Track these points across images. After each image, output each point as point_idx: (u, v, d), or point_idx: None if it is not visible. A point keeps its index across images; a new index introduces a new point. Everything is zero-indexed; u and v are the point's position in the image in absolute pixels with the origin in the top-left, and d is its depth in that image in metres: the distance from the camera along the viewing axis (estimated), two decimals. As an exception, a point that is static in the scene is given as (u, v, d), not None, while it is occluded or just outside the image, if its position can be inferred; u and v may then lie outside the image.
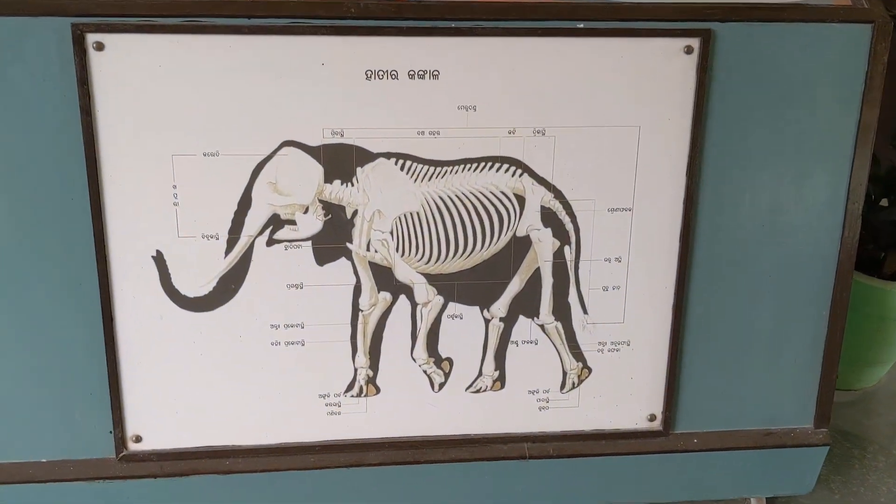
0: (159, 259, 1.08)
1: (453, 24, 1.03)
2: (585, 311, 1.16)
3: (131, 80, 1.01)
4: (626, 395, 1.21)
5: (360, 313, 1.13)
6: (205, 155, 1.04)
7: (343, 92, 1.04)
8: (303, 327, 1.12)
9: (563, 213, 1.12)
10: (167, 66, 1.01)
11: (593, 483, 1.24)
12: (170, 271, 1.08)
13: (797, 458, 1.26)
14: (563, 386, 1.19)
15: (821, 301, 1.19)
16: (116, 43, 1.00)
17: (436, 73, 1.05)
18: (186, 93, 1.02)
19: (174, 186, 1.05)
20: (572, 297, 1.15)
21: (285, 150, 1.05)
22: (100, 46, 0.99)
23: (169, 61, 1.01)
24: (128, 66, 1.00)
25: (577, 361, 1.18)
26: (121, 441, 1.14)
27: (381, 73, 1.04)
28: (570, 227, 1.12)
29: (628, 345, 1.18)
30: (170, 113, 1.03)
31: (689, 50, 1.07)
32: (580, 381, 1.19)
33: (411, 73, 1.04)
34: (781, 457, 1.25)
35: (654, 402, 1.21)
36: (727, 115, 1.09)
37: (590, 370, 1.19)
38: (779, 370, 1.22)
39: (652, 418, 1.22)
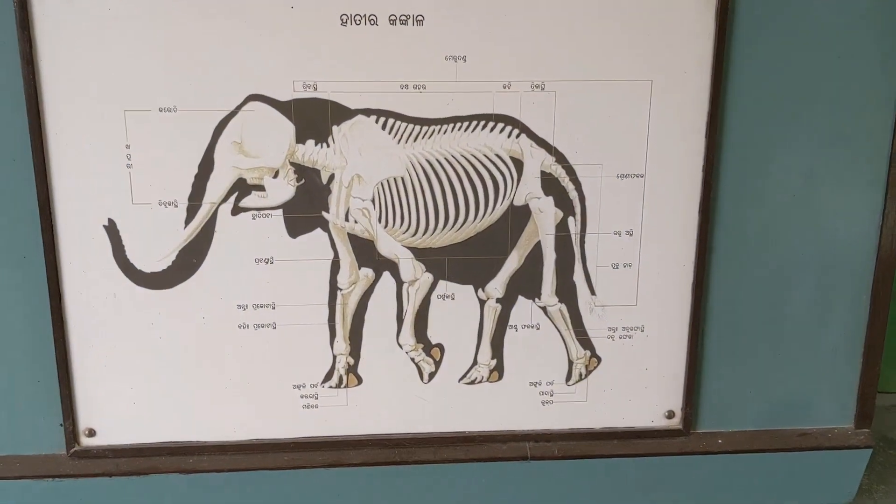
0: (111, 229, 0.96)
1: (439, -39, 0.92)
2: (593, 292, 1.03)
3: (78, 26, 0.90)
4: (640, 389, 1.07)
5: (339, 292, 1.01)
6: (161, 110, 0.93)
7: (316, 39, 0.93)
8: (274, 308, 1.00)
9: (567, 179, 0.99)
10: (118, 9, 0.90)
11: (603, 488, 1.10)
12: (123, 243, 0.97)
13: (836, 463, 1.12)
14: (568, 377, 1.06)
15: (861, 283, 1.05)
16: (60, -18, 0.89)
17: (420, 17, 0.93)
18: (140, 40, 0.91)
19: (127, 146, 0.94)
20: (578, 276, 1.03)
21: (251, 105, 0.94)
22: (41, -14, 0.89)
23: (120, 3, 0.90)
24: (74, 9, 0.90)
25: (585, 349, 1.05)
26: (72, 435, 1.02)
27: (358, 17, 0.92)
28: (574, 195, 1.00)
29: (642, 330, 1.05)
30: (121, 63, 0.92)
31: (707, -8, 0.94)
32: (588, 372, 1.06)
33: (392, 17, 0.93)
34: (818, 461, 1.11)
35: (672, 397, 1.08)
36: (751, 67, 0.97)
37: (599, 359, 1.06)
38: (814, 362, 1.08)
39: (670, 415, 1.08)
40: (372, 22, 0.93)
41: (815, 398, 1.10)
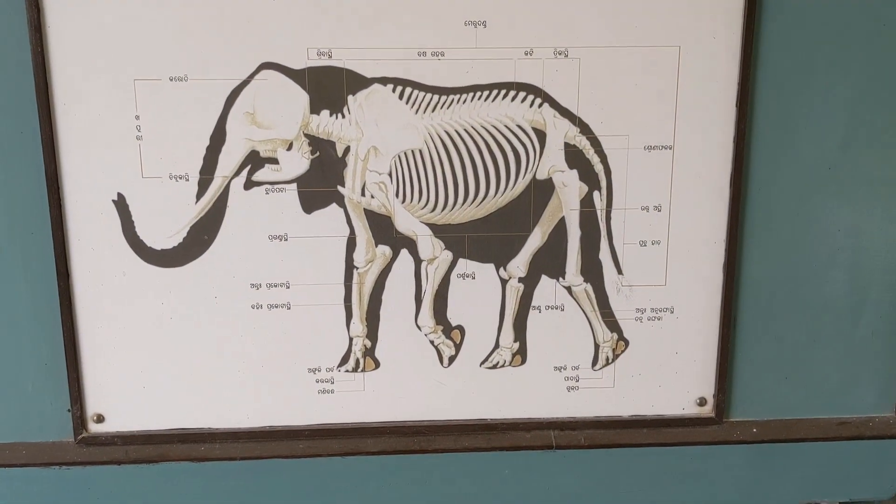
0: (121, 204, 0.93)
1: (458, -77, 0.89)
2: (620, 271, 0.99)
3: (86, -9, 0.88)
4: (670, 374, 1.02)
5: (356, 271, 0.97)
6: (171, 79, 0.90)
7: (330, 4, 0.90)
8: (288, 287, 0.97)
9: (591, 151, 0.95)
10: (127, -25, 0.88)
11: (632, 479, 1.05)
12: (133, 218, 0.94)
13: (877, 454, 1.06)
14: (595, 362, 1.02)
15: (902, 261, 1.01)
16: (68, -54, 0.87)
17: (438, -19, 0.90)
18: (149, 7, 0.89)
19: (137, 117, 0.91)
20: (604, 254, 0.98)
21: (264, 73, 0.91)
22: (50, -50, 0.87)
23: (129, -32, 0.88)
24: (82, -26, 0.87)
25: (612, 332, 1.01)
26: (80, 421, 0.99)
27: (374, -19, 0.90)
28: (599, 168, 0.96)
29: (672, 312, 1.00)
30: (131, 30, 0.89)
31: (737, -47, 0.91)
32: (615, 356, 1.02)
33: (410, -19, 0.90)
34: (858, 451, 1.06)
35: (704, 383, 1.03)
36: (783, 32, 0.93)
37: (626, 343, 1.01)
38: (853, 346, 1.03)
39: (702, 402, 1.03)
40: (388, -14, 0.90)
41: (853, 384, 1.04)
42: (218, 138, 0.92)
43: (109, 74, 0.90)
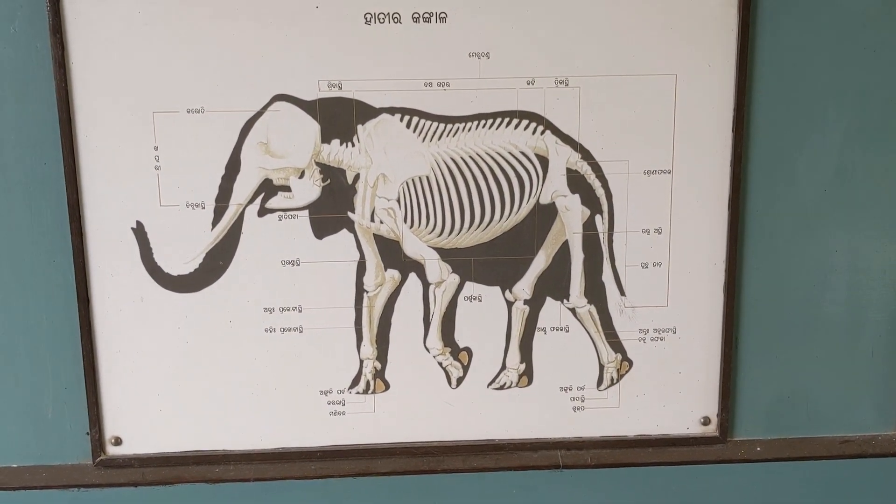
0: (140, 231, 0.97)
1: (461, -40, 0.93)
2: (623, 293, 1.02)
3: (109, 29, 0.92)
4: (674, 394, 1.05)
5: (365, 294, 1.00)
6: (188, 112, 0.94)
7: (340, 38, 0.94)
8: (300, 311, 1.00)
9: (593, 176, 0.98)
10: (147, 13, 0.92)
11: (638, 498, 1.07)
12: (151, 245, 0.97)
13: (880, 472, 1.08)
14: (600, 382, 1.04)
15: (898, 281, 1.03)
16: (92, -14, 0.91)
17: (443, 15, 0.94)
18: (168, 43, 0.93)
19: (155, 148, 0.95)
20: (607, 276, 1.01)
21: (277, 105, 0.95)
22: (74, -10, 0.91)
23: (148, 7, 0.92)
24: (105, 13, 0.92)
25: (616, 352, 1.03)
26: (98, 444, 1.01)
27: (381, 16, 0.93)
28: (600, 192, 0.99)
29: (674, 332, 1.03)
30: (150, 65, 0.93)
31: (729, -15, 0.94)
32: (620, 377, 1.04)
33: (416, 15, 0.94)
34: (861, 469, 1.07)
35: (708, 403, 1.05)
36: (776, 59, 0.96)
37: (630, 363, 1.04)
38: (854, 365, 1.05)
39: (706, 422, 1.05)
40: (395, 20, 0.94)
41: (855, 403, 1.06)
42: (233, 167, 0.96)
43: (129, 108, 0.94)
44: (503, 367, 1.03)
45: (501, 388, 1.04)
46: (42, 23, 0.91)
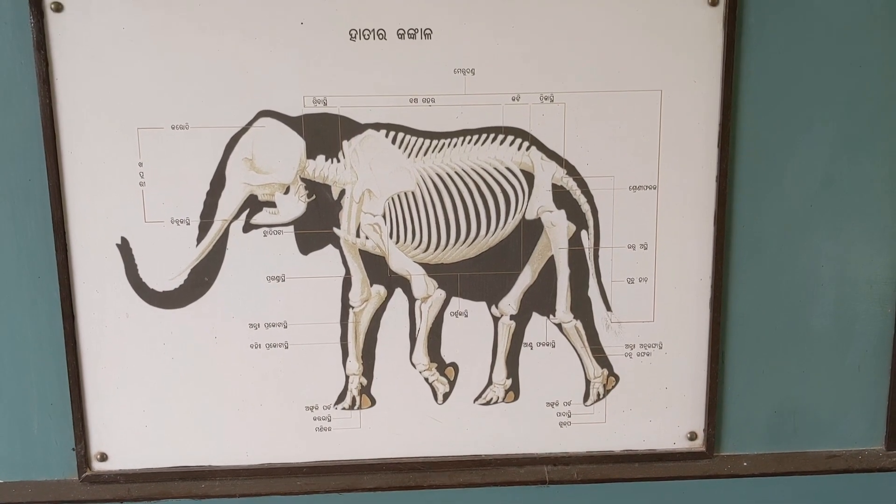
0: (124, 247, 0.97)
1: (446, -24, 0.93)
2: (609, 308, 1.01)
3: (92, 45, 0.92)
4: (660, 409, 1.05)
5: (351, 310, 1.00)
6: (173, 128, 0.94)
7: (325, 54, 0.94)
8: (286, 327, 0.99)
9: (578, 191, 0.98)
10: (131, 29, 0.92)
11: (626, 513, 1.07)
12: (136, 262, 0.97)
13: (867, 487, 1.08)
14: (586, 397, 1.04)
15: (886, 295, 1.03)
16: (76, 2, 0.91)
17: (428, 31, 0.94)
18: (152, 58, 0.93)
19: (140, 164, 0.95)
20: (593, 291, 1.01)
21: (262, 121, 0.95)
22: (58, 7, 0.91)
23: (133, 23, 0.92)
24: (88, 28, 0.92)
25: (602, 368, 1.03)
26: (84, 459, 1.01)
27: (366, 32, 0.93)
28: (586, 208, 0.99)
29: (660, 348, 1.03)
30: (134, 80, 0.93)
31: (714, 1, 0.94)
32: (606, 392, 1.04)
33: (401, 31, 0.94)
34: (848, 484, 1.07)
35: (694, 418, 1.05)
36: (762, 74, 0.96)
37: (617, 378, 1.03)
38: (841, 379, 1.05)
39: (692, 437, 1.05)
40: (381, 36, 0.94)
41: (842, 418, 1.06)
42: (218, 183, 0.96)
43: (114, 124, 0.93)
44: (489, 382, 1.03)
45: (488, 403, 1.04)
46: (27, 39, 0.91)
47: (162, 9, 0.91)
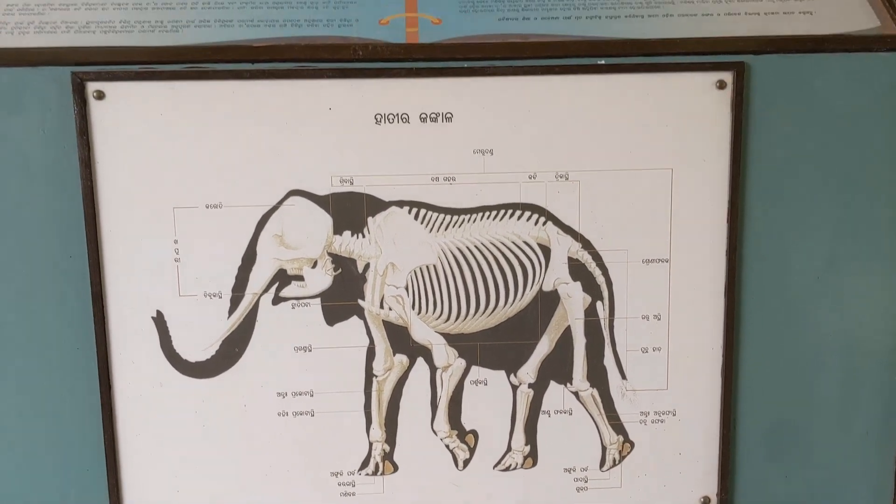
0: (159, 320, 1.01)
1: (465, 65, 0.98)
2: (624, 376, 1.05)
3: (132, 130, 0.97)
4: (674, 474, 1.08)
5: (375, 379, 1.04)
6: (207, 207, 0.99)
7: (352, 137, 0.99)
8: (312, 395, 1.03)
9: (593, 264, 1.03)
10: (168, 115, 0.97)
11: (642, 577, 1.09)
12: (170, 333, 1.01)
13: (879, 552, 1.10)
14: (602, 463, 1.07)
15: (889, 364, 1.06)
16: (117, 91, 0.97)
17: (449, 115, 0.99)
18: (188, 141, 0.98)
19: (175, 241, 1.00)
20: (608, 360, 1.05)
21: (292, 199, 1.00)
22: (100, 95, 0.96)
23: (170, 109, 0.97)
24: (128, 114, 0.97)
25: (618, 434, 1.06)
26: (117, 524, 1.05)
27: (391, 116, 0.99)
28: (601, 280, 1.03)
29: (674, 415, 1.06)
30: (171, 163, 0.98)
31: (721, 85, 0.99)
32: (622, 458, 1.07)
33: (423, 115, 0.99)
34: (860, 549, 1.09)
35: (707, 483, 1.08)
36: (768, 154, 1.01)
37: (632, 444, 1.07)
38: (849, 446, 1.08)
39: (706, 501, 1.08)
40: (404, 120, 0.99)
41: (851, 483, 1.09)
42: (249, 259, 1.00)
43: (151, 204, 0.99)
44: (508, 448, 1.06)
45: (507, 469, 1.07)
46: (70, 125, 0.96)
47: (198, 98, 0.97)
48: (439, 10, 1.06)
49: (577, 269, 1.03)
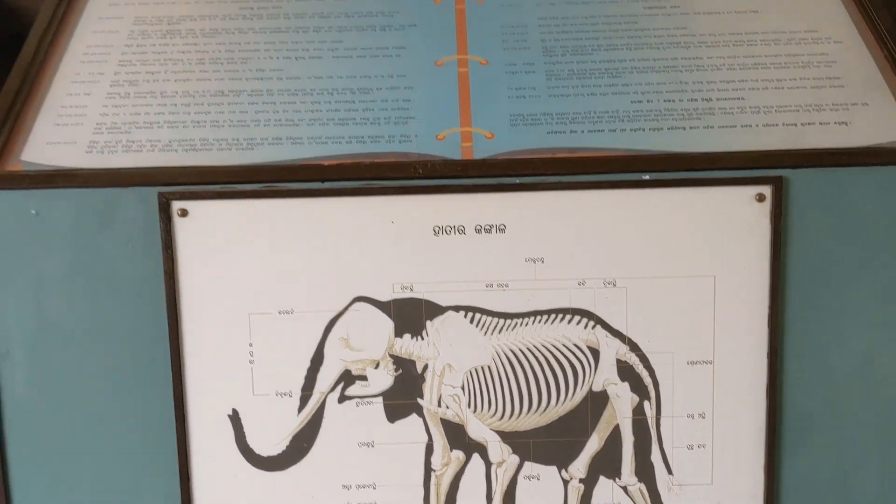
0: (235, 418, 1.09)
1: (518, 180, 1.06)
2: (670, 472, 1.10)
3: (212, 244, 1.06)
4: (721, 566, 1.12)
5: (433, 473, 1.10)
6: (280, 313, 1.07)
7: (412, 248, 1.06)
8: (374, 488, 1.10)
9: (641, 366, 1.08)
10: (245, 229, 1.06)
11: None
12: (244, 430, 1.09)
13: None
14: (651, 554, 1.12)
15: (933, 460, 1.10)
16: (199, 209, 1.06)
17: (502, 226, 1.06)
18: (263, 253, 1.06)
19: (250, 345, 1.08)
20: (655, 457, 1.10)
21: (357, 305, 1.07)
22: (184, 213, 1.05)
23: (247, 224, 1.06)
24: (209, 230, 1.06)
25: (665, 527, 1.11)
26: None
27: (448, 228, 1.06)
28: (648, 381, 1.09)
29: (719, 509, 1.11)
30: (247, 273, 1.07)
31: (760, 198, 1.05)
32: (670, 549, 1.12)
33: (478, 227, 1.06)
34: None
35: (753, 574, 1.12)
36: (807, 262, 1.06)
37: (679, 537, 1.12)
38: (894, 541, 1.11)
39: (753, 592, 1.12)
40: (460, 231, 1.06)
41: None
42: (317, 360, 1.08)
43: (228, 311, 1.07)
44: (560, 540, 1.12)
45: (559, 559, 1.12)
46: (155, 240, 1.05)
47: (273, 214, 1.05)
48: (492, 124, 1.14)
49: (625, 371, 1.08)
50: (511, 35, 1.27)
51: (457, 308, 1.07)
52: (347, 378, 1.09)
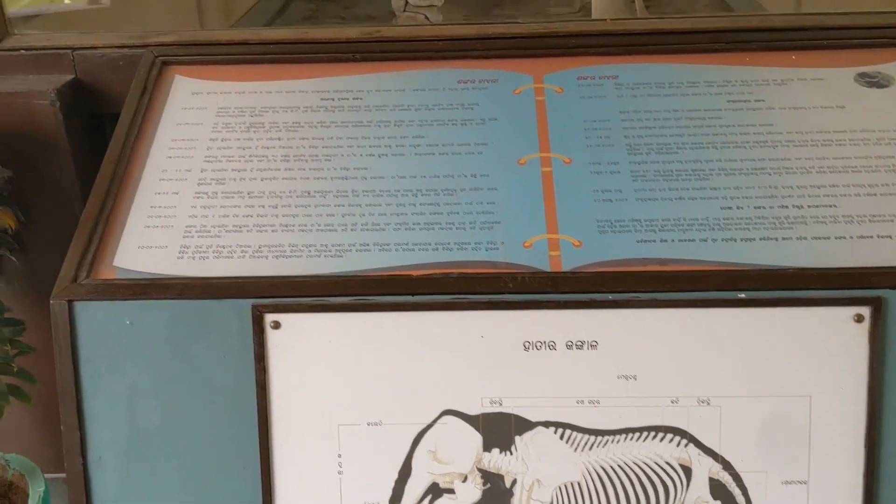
0: (323, 528, 1.09)
1: (610, 297, 1.05)
2: (763, 591, 1.08)
3: (303, 356, 1.07)
4: None
5: (521, 587, 1.09)
6: (368, 424, 1.07)
7: (502, 362, 1.06)
8: None
9: (734, 484, 1.07)
10: (336, 341, 1.06)
11: None
12: (333, 541, 1.09)
13: None
14: None
15: None
16: (292, 322, 1.06)
17: (594, 343, 1.05)
18: (352, 365, 1.07)
19: (339, 455, 1.08)
20: (747, 575, 1.08)
21: (445, 418, 1.07)
22: (276, 325, 1.06)
23: (338, 336, 1.06)
24: (301, 342, 1.06)
25: None
26: None
27: (539, 343, 1.05)
28: (741, 500, 1.07)
29: None
30: (337, 385, 1.07)
31: (859, 318, 1.03)
32: None
33: (569, 343, 1.05)
34: None
35: None
36: (906, 380, 1.04)
37: None
38: None
39: None
40: (551, 347, 1.06)
41: None
42: (405, 472, 1.08)
43: (318, 422, 1.07)
44: None
45: None
46: (248, 351, 1.06)
47: (363, 327, 1.06)
48: (579, 231, 1.13)
49: (717, 489, 1.07)
50: (594, 131, 1.26)
51: (546, 423, 1.07)
52: (435, 491, 1.08)
